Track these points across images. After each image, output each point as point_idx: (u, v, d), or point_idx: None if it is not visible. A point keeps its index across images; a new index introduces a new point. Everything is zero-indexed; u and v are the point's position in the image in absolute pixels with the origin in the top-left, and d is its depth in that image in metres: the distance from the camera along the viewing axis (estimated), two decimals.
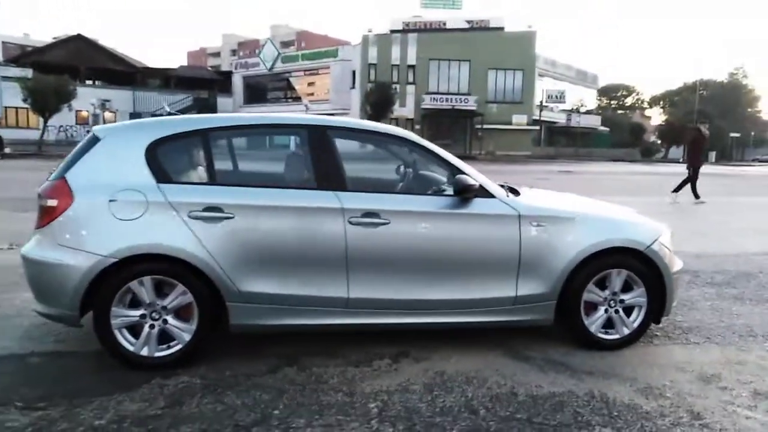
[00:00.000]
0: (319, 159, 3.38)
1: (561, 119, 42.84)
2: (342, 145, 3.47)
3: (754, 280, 5.48)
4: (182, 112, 42.48)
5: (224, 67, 75.88)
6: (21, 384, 2.98)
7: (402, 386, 3.03)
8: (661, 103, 75.56)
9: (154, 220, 3.10)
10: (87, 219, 3.12)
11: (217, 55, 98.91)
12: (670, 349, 3.67)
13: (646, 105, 79.23)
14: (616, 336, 3.60)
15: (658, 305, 3.63)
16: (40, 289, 3.20)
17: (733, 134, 63.73)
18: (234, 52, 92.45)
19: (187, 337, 3.17)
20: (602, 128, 51.54)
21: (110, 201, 3.10)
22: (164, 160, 3.26)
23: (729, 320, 4.26)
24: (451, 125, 40.72)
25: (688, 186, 12.75)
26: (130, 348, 3.13)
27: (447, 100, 39.70)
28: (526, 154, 40.14)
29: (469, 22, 41.77)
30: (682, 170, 13.88)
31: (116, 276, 3.06)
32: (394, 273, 3.34)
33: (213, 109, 43.50)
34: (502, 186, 3.73)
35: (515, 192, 3.79)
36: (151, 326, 3.15)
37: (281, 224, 3.23)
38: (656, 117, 74.49)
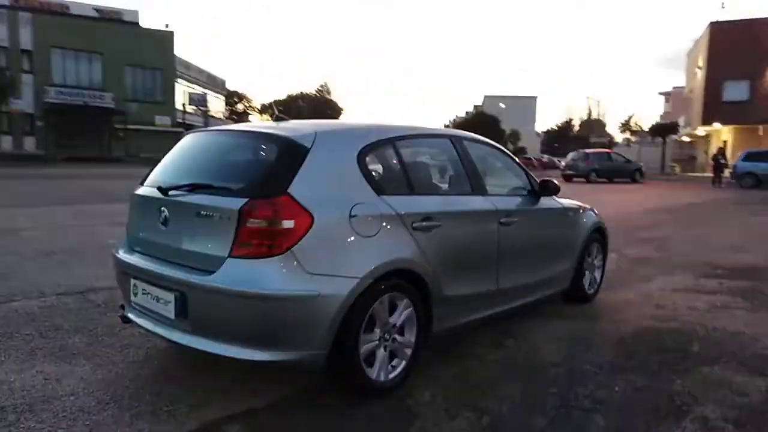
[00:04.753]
0: (468, 167, 3.66)
1: (200, 122, 42.92)
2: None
3: None
4: None
5: None
6: None
7: (570, 351, 3.69)
8: (269, 110, 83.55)
9: (391, 234, 2.90)
10: (333, 239, 2.68)
11: None
12: (612, 293, 5.25)
13: (256, 112, 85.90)
14: (593, 291, 5.02)
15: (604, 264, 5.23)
16: (280, 331, 2.54)
17: None
18: None
19: (408, 351, 3.05)
20: None
21: (351, 217, 2.75)
22: (371, 171, 3.02)
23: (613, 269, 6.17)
24: (84, 123, 35.77)
25: None
26: (373, 376, 2.85)
27: (78, 95, 34.73)
28: None
29: (98, 11, 37.44)
30: None
31: (367, 298, 2.75)
32: (519, 264, 3.91)
33: None
34: None
35: None
36: (384, 347, 2.93)
37: (468, 229, 3.45)
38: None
